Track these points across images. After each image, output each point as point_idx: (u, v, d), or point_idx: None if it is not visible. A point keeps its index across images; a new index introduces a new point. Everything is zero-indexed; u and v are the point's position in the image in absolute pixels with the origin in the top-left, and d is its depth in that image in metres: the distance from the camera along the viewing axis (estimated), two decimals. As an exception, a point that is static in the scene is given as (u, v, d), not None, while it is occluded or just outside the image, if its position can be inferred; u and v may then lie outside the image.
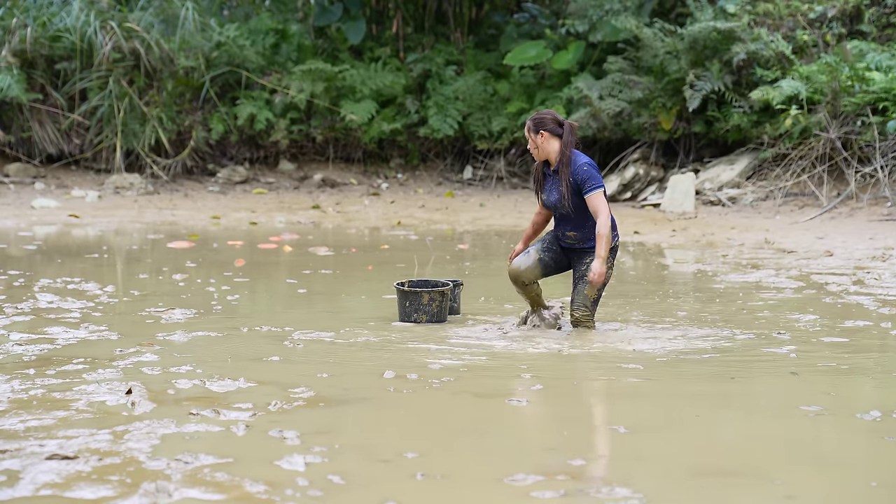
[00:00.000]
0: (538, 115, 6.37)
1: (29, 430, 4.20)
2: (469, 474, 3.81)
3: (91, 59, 17.26)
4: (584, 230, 6.37)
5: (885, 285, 8.49)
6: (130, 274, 9.49)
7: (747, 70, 15.27)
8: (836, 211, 13.25)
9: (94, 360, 5.52)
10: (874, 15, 15.21)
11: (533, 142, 6.36)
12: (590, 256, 6.39)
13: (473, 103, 17.70)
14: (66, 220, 14.02)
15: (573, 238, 6.43)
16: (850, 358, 5.77)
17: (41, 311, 7.10)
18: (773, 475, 3.78)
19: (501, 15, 19.22)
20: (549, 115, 6.36)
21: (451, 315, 7.10)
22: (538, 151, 6.38)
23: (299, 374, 5.33)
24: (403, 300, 6.81)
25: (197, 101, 17.79)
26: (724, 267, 9.83)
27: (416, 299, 6.78)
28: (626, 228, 13.37)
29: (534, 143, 6.36)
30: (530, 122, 6.36)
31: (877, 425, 4.43)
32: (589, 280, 6.25)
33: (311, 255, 10.77)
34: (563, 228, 6.45)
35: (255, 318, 6.97)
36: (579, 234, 6.39)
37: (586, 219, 6.34)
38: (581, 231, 6.38)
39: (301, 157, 18.46)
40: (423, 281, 7.06)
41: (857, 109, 13.77)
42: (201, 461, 3.83)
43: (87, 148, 17.48)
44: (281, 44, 18.37)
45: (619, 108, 15.93)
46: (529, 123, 6.37)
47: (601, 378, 5.31)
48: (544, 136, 6.31)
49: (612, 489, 3.60)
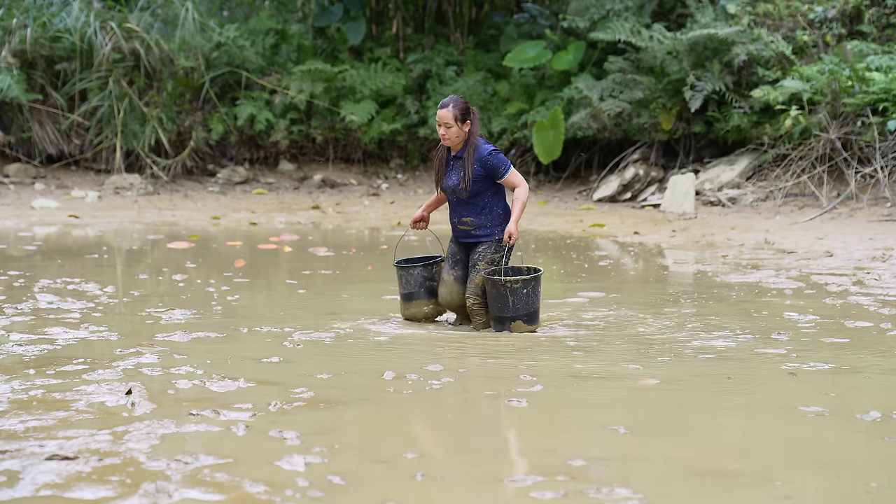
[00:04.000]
0: (462, 104, 6.39)
1: (29, 431, 4.20)
2: (469, 474, 3.81)
3: (91, 59, 17.27)
4: (480, 216, 6.51)
5: (885, 286, 8.48)
6: (130, 274, 9.49)
7: (748, 70, 15.27)
8: (836, 211, 13.25)
9: (94, 361, 5.51)
10: (874, 15, 15.21)
11: (458, 129, 6.38)
12: (483, 245, 6.51)
13: (473, 104, 17.70)
14: (66, 221, 14.02)
15: (469, 224, 6.54)
16: (850, 358, 5.77)
17: (41, 311, 7.10)
18: (773, 475, 3.78)
19: (501, 15, 19.22)
20: (467, 103, 6.44)
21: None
22: (455, 139, 6.42)
23: (299, 374, 5.33)
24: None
25: (197, 101, 17.79)
26: (724, 267, 9.83)
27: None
28: (626, 229, 13.37)
29: (458, 131, 6.38)
30: (457, 111, 6.35)
31: (877, 426, 4.43)
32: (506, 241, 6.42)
33: (310, 256, 10.77)
34: (459, 215, 6.56)
35: (255, 319, 6.97)
36: (475, 220, 6.52)
37: (482, 206, 6.50)
38: (477, 217, 6.51)
39: (301, 158, 18.46)
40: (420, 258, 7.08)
41: (857, 110, 13.77)
42: (201, 461, 3.83)
43: (87, 148, 17.48)
44: (281, 44, 18.38)
45: (620, 108, 15.93)
46: (455, 112, 6.34)
47: (602, 378, 5.31)
48: (467, 125, 6.42)
49: (611, 489, 3.60)
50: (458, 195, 6.50)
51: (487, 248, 6.51)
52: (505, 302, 6.39)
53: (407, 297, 6.84)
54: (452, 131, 6.39)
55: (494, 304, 6.43)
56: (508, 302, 6.38)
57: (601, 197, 16.21)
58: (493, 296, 6.42)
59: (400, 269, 6.84)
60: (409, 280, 6.81)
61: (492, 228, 6.52)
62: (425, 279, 6.79)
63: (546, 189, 17.42)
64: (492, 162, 6.41)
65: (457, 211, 6.58)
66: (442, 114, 6.37)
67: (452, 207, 6.61)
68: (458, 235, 6.63)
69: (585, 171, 17.66)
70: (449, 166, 6.53)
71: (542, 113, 16.81)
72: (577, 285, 8.82)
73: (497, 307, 6.42)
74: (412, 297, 6.81)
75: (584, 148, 17.46)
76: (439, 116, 6.39)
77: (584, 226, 13.82)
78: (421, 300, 6.81)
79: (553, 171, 17.80)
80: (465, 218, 6.53)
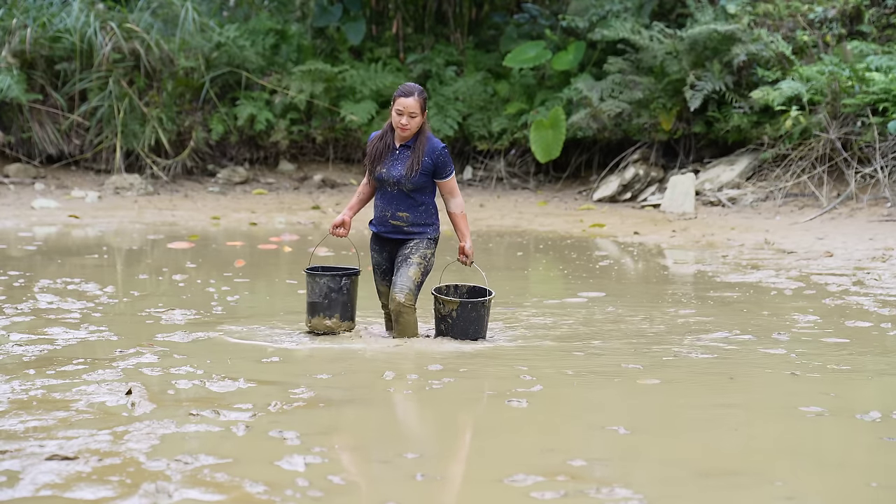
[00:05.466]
0: (424, 93, 6.08)
1: (29, 431, 4.20)
2: (469, 475, 3.81)
3: (91, 59, 17.26)
4: (416, 213, 6.18)
5: (885, 286, 8.48)
6: (130, 274, 9.49)
7: (748, 71, 15.27)
8: (836, 211, 13.25)
9: (94, 361, 5.51)
10: (874, 15, 15.21)
11: (420, 119, 6.04)
12: (415, 240, 6.17)
13: (473, 104, 17.70)
14: (66, 221, 14.01)
15: (403, 219, 6.17)
16: (850, 358, 5.77)
17: (41, 311, 7.10)
18: (773, 476, 3.78)
19: (501, 15, 19.22)
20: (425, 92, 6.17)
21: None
22: (414, 129, 6.06)
23: (299, 374, 5.33)
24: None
25: (197, 101, 17.79)
26: (724, 267, 9.82)
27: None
28: (626, 229, 13.37)
29: (420, 121, 6.05)
30: (420, 99, 6.01)
31: (877, 426, 4.43)
32: (463, 260, 6.22)
33: (311, 256, 10.75)
34: (394, 209, 6.18)
35: (256, 319, 6.96)
36: (410, 216, 6.17)
37: (420, 203, 6.16)
38: (413, 213, 6.17)
39: (301, 158, 18.46)
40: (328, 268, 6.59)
41: (857, 110, 13.77)
42: (201, 462, 3.83)
43: (87, 148, 17.48)
44: (281, 44, 18.38)
45: (619, 108, 15.93)
46: (421, 101, 6.01)
47: (602, 378, 5.31)
48: (424, 115, 6.08)
49: (612, 489, 3.60)
50: (401, 187, 6.12)
51: (420, 243, 6.17)
52: (482, 322, 6.19)
53: (311, 308, 6.31)
54: (416, 121, 6.04)
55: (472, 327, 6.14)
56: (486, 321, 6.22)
57: (601, 197, 16.21)
58: (471, 319, 6.12)
59: (308, 277, 6.35)
60: (314, 289, 6.29)
61: (424, 227, 6.18)
62: (331, 290, 6.26)
63: (546, 189, 17.42)
64: (443, 159, 6.10)
65: (392, 204, 6.17)
66: (409, 103, 5.99)
67: (387, 200, 6.18)
68: (386, 230, 6.22)
69: (585, 172, 17.66)
70: (392, 156, 6.14)
71: (542, 113, 16.81)
72: (577, 285, 8.82)
73: (474, 329, 6.15)
74: (315, 308, 6.28)
75: (584, 148, 17.46)
76: (404, 105, 6.00)
77: (584, 226, 13.82)
78: (323, 313, 6.27)
79: (553, 171, 17.80)
80: (401, 213, 6.16)
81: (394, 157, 6.15)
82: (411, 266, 6.12)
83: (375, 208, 6.28)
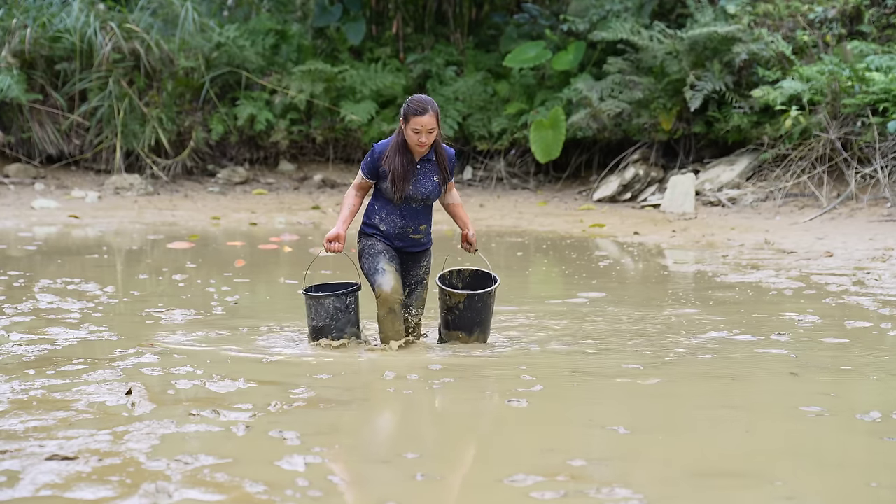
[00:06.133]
0: (434, 104, 5.71)
1: (29, 431, 4.20)
2: (469, 475, 3.81)
3: (91, 59, 17.26)
4: (429, 222, 5.98)
5: (885, 286, 8.48)
6: (130, 274, 9.49)
7: (748, 70, 15.27)
8: (836, 212, 13.25)
9: (94, 361, 5.51)
10: (874, 15, 15.21)
11: (437, 131, 5.72)
12: (426, 258, 6.03)
13: (473, 104, 17.71)
14: (66, 221, 14.01)
15: (423, 232, 5.94)
16: (850, 358, 5.77)
17: (41, 311, 7.10)
18: (773, 476, 3.78)
19: (501, 15, 19.22)
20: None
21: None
22: (429, 145, 5.77)
23: (299, 374, 5.33)
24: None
25: (197, 101, 17.79)
26: (724, 268, 9.82)
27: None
28: (626, 229, 13.37)
29: (437, 132, 5.73)
30: (435, 113, 5.67)
31: (877, 426, 4.43)
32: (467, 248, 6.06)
33: (310, 256, 10.76)
34: (417, 223, 5.91)
35: (255, 319, 6.96)
36: (427, 226, 5.97)
37: (429, 211, 5.95)
38: (428, 223, 5.97)
39: (301, 158, 18.46)
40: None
41: (857, 110, 13.77)
42: (201, 462, 3.83)
43: (87, 148, 17.48)
44: (281, 44, 18.38)
45: (619, 108, 15.93)
46: (434, 114, 5.66)
47: (602, 377, 5.31)
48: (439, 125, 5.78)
49: (612, 489, 3.60)
50: (427, 202, 5.88)
51: (429, 258, 6.06)
52: (489, 311, 6.04)
53: (316, 332, 5.92)
54: (433, 136, 5.72)
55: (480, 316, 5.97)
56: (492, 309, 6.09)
57: (601, 197, 16.22)
58: (478, 309, 5.95)
59: (309, 299, 5.92)
60: (318, 311, 5.88)
61: (430, 233, 6.04)
62: (338, 310, 5.88)
63: (546, 189, 17.42)
64: (454, 162, 5.94)
65: (416, 219, 5.89)
66: (426, 121, 5.63)
67: (409, 216, 5.87)
68: (406, 245, 5.94)
69: (585, 172, 17.66)
70: (415, 172, 5.81)
71: (542, 113, 16.81)
72: (577, 285, 8.82)
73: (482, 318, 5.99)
74: (323, 331, 5.90)
75: (584, 148, 17.46)
76: (422, 124, 5.63)
77: (584, 226, 13.82)
78: (330, 335, 5.91)
79: (553, 171, 17.80)
80: (422, 226, 5.93)
81: (418, 174, 5.84)
82: (425, 288, 6.06)
83: (391, 224, 5.89)
